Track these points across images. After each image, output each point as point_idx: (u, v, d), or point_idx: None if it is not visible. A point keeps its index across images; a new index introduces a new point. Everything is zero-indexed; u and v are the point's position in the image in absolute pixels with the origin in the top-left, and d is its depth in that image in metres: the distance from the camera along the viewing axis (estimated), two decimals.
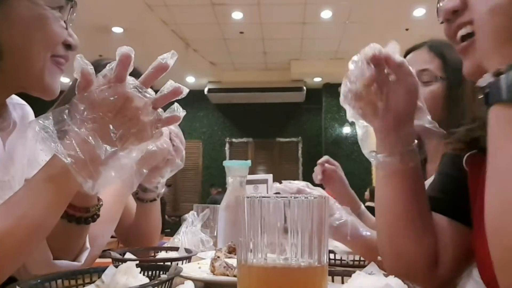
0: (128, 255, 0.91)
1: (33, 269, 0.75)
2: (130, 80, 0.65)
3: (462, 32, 0.62)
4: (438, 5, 0.67)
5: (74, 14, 0.76)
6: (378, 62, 0.71)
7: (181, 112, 0.71)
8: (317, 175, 1.51)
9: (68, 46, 0.73)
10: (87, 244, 0.82)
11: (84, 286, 0.62)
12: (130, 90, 0.63)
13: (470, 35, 0.62)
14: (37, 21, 0.69)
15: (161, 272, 0.66)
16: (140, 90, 0.64)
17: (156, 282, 0.55)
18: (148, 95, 0.65)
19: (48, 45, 0.70)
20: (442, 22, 0.66)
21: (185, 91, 0.68)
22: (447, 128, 1.20)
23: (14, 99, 0.83)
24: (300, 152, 8.50)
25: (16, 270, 0.77)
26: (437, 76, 1.24)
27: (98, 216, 0.77)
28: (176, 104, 0.70)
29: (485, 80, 0.52)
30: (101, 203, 0.76)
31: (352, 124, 1.62)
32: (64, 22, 0.72)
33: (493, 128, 0.53)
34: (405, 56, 1.34)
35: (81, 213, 0.73)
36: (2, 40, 0.67)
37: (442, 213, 0.77)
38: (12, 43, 0.68)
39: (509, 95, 0.50)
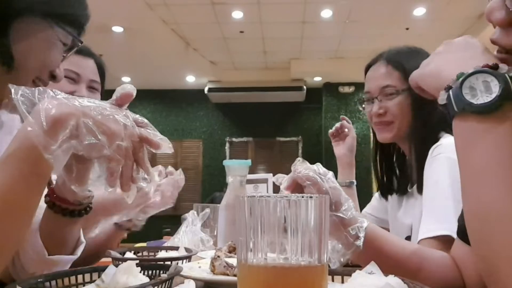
0: (128, 255, 0.91)
1: (30, 267, 0.75)
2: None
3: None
4: None
5: (72, 51, 0.84)
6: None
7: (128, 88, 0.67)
8: (340, 127, 1.61)
9: (53, 77, 0.80)
10: (82, 238, 0.82)
11: (84, 285, 0.62)
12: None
13: None
14: (45, 44, 0.77)
15: (161, 272, 0.66)
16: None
17: (156, 281, 0.55)
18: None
19: (42, 67, 0.77)
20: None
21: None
22: (422, 135, 1.23)
23: None
24: (300, 151, 8.49)
25: (14, 269, 0.77)
26: (399, 89, 1.26)
27: (91, 208, 0.77)
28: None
29: (442, 98, 0.56)
30: (92, 194, 0.76)
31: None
32: (63, 56, 0.81)
33: (456, 141, 0.57)
34: (365, 72, 1.36)
35: (74, 206, 0.73)
36: (15, 51, 0.73)
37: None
38: (18, 56, 0.74)
39: (458, 106, 0.53)
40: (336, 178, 0.80)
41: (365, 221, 0.75)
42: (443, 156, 1.11)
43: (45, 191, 0.73)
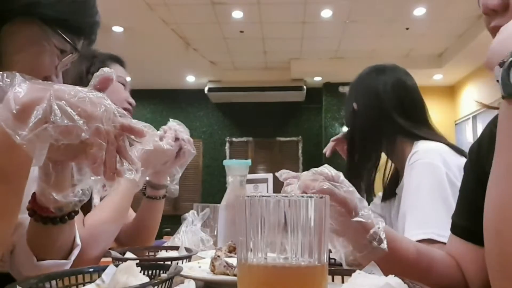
0: (128, 254, 0.91)
1: (24, 272, 0.75)
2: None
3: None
4: None
5: (71, 62, 0.81)
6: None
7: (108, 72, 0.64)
8: (327, 150, 1.64)
9: None
10: (77, 241, 0.80)
11: (84, 285, 0.62)
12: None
13: None
14: (36, 47, 0.74)
15: (161, 271, 0.66)
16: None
17: (156, 281, 0.55)
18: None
19: (31, 71, 0.71)
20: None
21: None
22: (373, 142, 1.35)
23: None
24: (300, 151, 8.49)
25: (12, 271, 0.77)
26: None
27: (77, 213, 0.74)
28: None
29: (496, 73, 0.50)
30: (77, 199, 0.69)
31: None
32: (58, 61, 0.78)
33: (500, 123, 0.51)
34: None
35: (54, 214, 0.70)
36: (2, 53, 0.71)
37: (468, 240, 0.78)
38: (5, 58, 0.72)
39: (505, 91, 0.48)
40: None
41: (379, 221, 0.72)
42: (420, 163, 1.16)
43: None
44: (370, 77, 1.39)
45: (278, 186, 1.13)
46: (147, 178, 1.29)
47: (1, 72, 0.55)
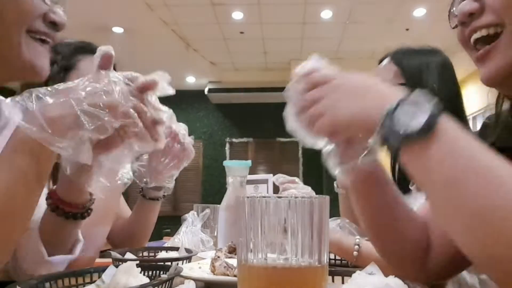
0: (129, 255, 0.91)
1: (28, 269, 0.75)
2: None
3: (476, 35, 0.61)
4: (452, 10, 0.66)
5: None
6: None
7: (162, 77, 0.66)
8: None
9: (52, 24, 0.69)
10: (80, 236, 0.82)
11: (84, 286, 0.62)
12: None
13: (484, 38, 0.61)
14: None
15: (162, 272, 0.66)
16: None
17: (157, 282, 0.55)
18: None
19: (20, 17, 0.65)
20: (454, 27, 0.65)
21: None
22: None
23: None
24: (300, 152, 8.49)
25: (13, 270, 0.77)
26: (396, 83, 1.29)
27: (91, 210, 0.78)
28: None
29: (376, 138, 0.51)
30: (93, 197, 0.77)
31: None
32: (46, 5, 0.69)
33: (413, 169, 0.50)
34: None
35: (77, 210, 0.74)
36: None
37: None
38: None
39: (405, 131, 0.48)
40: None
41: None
42: None
43: (45, 192, 0.72)
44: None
45: (278, 186, 1.13)
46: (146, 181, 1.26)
47: (22, 94, 0.58)
